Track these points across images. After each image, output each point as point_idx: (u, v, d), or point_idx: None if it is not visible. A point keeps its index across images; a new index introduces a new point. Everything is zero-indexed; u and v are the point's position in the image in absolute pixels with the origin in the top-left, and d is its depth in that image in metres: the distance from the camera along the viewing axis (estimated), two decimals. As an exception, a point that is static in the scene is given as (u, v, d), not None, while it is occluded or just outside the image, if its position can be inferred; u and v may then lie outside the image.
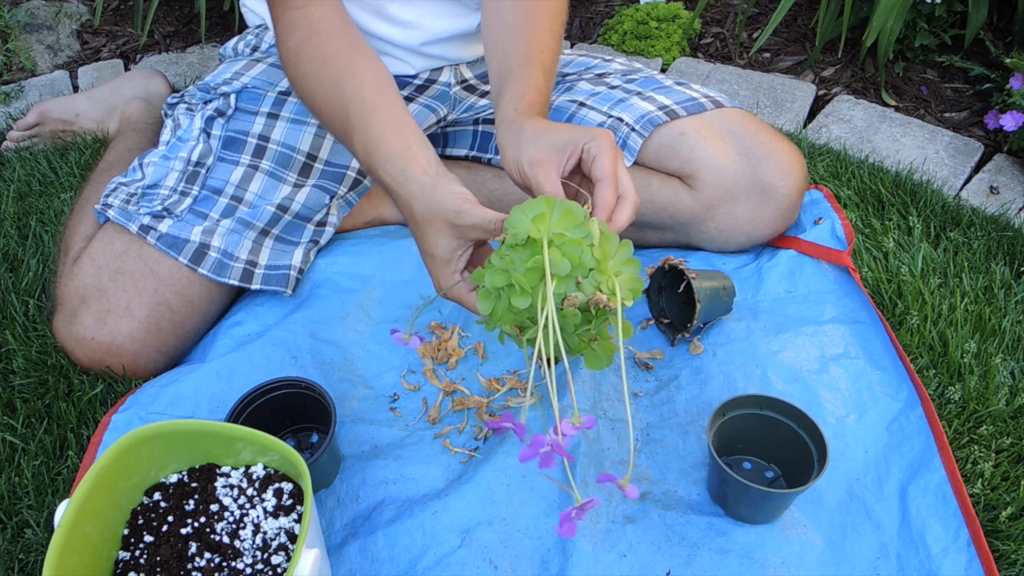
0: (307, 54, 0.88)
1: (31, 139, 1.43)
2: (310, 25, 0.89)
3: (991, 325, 1.02)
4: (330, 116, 0.87)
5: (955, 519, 0.83)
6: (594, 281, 0.68)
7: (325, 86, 0.87)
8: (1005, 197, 1.29)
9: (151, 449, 0.76)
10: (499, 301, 0.70)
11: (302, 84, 0.90)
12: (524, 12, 0.94)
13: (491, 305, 0.71)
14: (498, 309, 0.71)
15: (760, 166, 1.04)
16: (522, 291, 0.68)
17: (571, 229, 0.68)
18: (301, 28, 0.89)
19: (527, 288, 0.68)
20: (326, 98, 0.87)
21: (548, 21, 0.95)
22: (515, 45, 0.92)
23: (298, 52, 0.89)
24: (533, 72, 0.89)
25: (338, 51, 0.88)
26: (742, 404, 0.85)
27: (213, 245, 1.02)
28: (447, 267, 0.78)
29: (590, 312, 0.69)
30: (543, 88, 0.89)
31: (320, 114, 0.89)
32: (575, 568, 0.79)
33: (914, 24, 1.52)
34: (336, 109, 0.86)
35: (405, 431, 0.94)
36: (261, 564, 0.73)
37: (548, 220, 0.69)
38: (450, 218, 0.75)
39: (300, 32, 0.89)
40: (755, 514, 0.82)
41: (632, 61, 1.24)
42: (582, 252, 0.68)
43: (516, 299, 0.68)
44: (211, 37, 1.77)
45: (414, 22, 1.07)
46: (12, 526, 0.87)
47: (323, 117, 0.89)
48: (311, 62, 0.88)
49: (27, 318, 1.08)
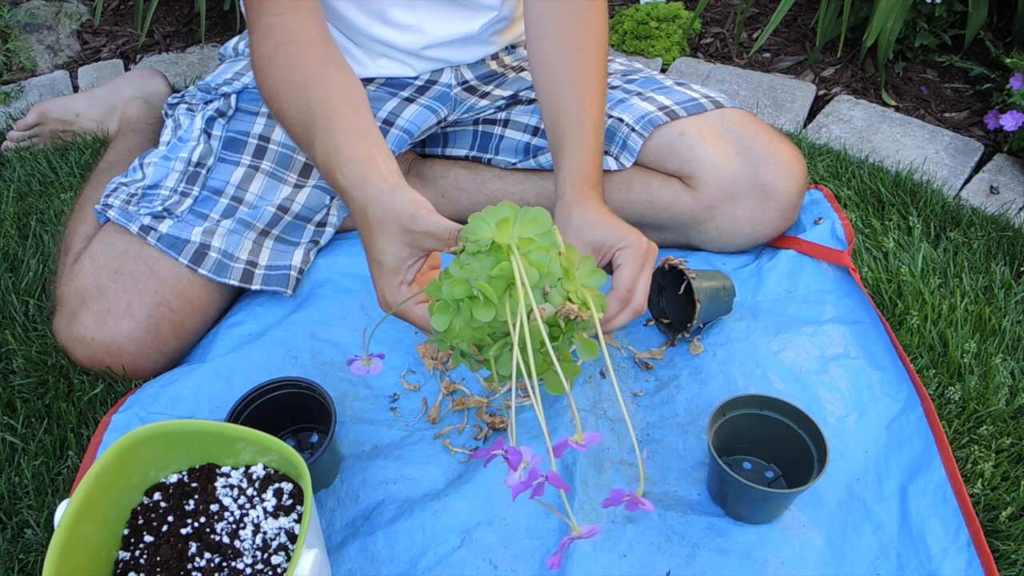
0: (278, 60, 0.87)
1: (31, 139, 1.43)
2: (286, 32, 0.88)
3: (991, 325, 1.02)
4: (293, 119, 0.85)
5: (955, 519, 0.83)
6: (563, 291, 0.63)
7: (292, 91, 0.85)
8: (1005, 197, 1.29)
9: (151, 449, 0.76)
10: (457, 316, 0.64)
11: (268, 88, 0.88)
12: (572, 55, 0.96)
13: (447, 320, 0.64)
14: (455, 325, 0.64)
15: (760, 166, 1.04)
16: (486, 302, 0.61)
17: (538, 236, 0.63)
18: (276, 35, 0.88)
19: (492, 299, 0.61)
20: (291, 101, 0.85)
21: (595, 63, 0.96)
22: (567, 99, 0.95)
23: (269, 57, 0.88)
24: (587, 135, 0.92)
25: (310, 59, 0.87)
26: (742, 404, 0.85)
27: (213, 245, 1.02)
28: (394, 277, 0.74)
29: (558, 327, 0.64)
30: (595, 150, 0.93)
31: (282, 117, 0.87)
32: (575, 568, 0.79)
33: (914, 24, 1.52)
34: (300, 112, 0.84)
35: (405, 431, 0.94)
36: (261, 564, 0.73)
37: (513, 226, 0.63)
38: (404, 223, 0.71)
39: (275, 39, 0.88)
40: (755, 514, 0.82)
41: (632, 61, 1.24)
42: (550, 260, 0.62)
43: (479, 311, 0.61)
44: (211, 37, 1.77)
45: (415, 26, 1.06)
46: (12, 526, 0.87)
47: (285, 120, 0.87)
48: (279, 67, 0.87)
49: (27, 318, 1.08)
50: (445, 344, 0.66)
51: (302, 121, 0.83)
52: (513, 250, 0.61)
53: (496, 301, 0.62)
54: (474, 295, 0.62)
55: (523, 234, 0.63)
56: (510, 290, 0.62)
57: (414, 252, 0.73)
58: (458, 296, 0.63)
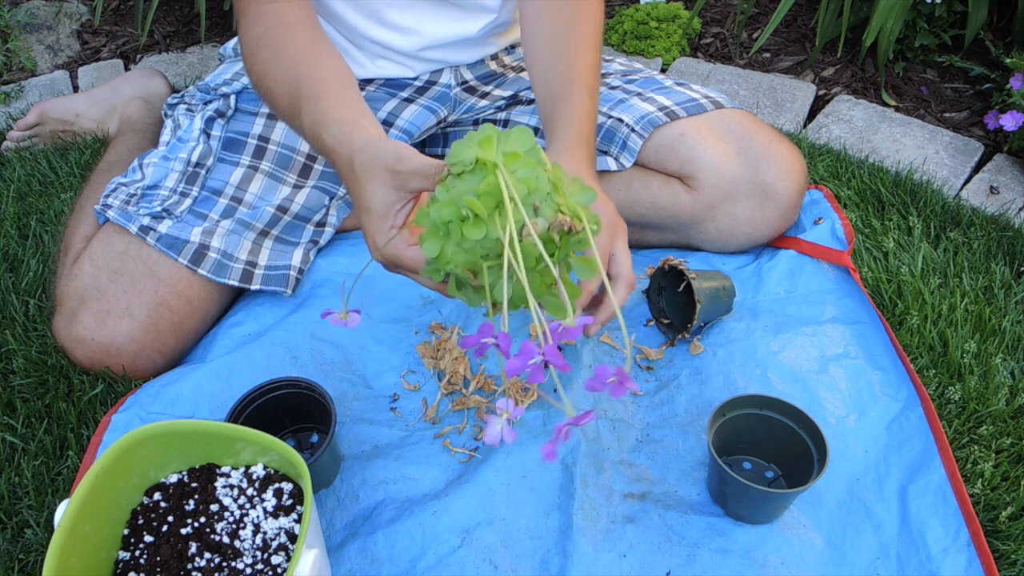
0: (267, 41, 0.88)
1: (31, 139, 1.43)
2: (276, 17, 0.89)
3: (991, 325, 1.02)
4: (279, 95, 0.85)
5: (955, 519, 0.83)
6: (553, 205, 0.61)
7: (280, 69, 0.85)
8: (1005, 197, 1.29)
9: (151, 449, 0.76)
10: (448, 240, 0.62)
11: (257, 68, 0.88)
12: (563, 31, 0.94)
13: (439, 246, 0.62)
14: (447, 249, 0.62)
15: (760, 166, 1.04)
16: (476, 220, 0.60)
17: (523, 152, 0.61)
18: (266, 20, 0.89)
19: (482, 214, 0.59)
20: (279, 79, 0.85)
21: (590, 47, 0.95)
22: (561, 66, 0.93)
23: (258, 40, 0.88)
24: (580, 95, 0.90)
25: (301, 42, 0.87)
26: (742, 404, 0.85)
27: (213, 246, 1.02)
28: (383, 223, 0.72)
29: (552, 243, 0.62)
30: (589, 111, 0.89)
31: (269, 94, 0.87)
32: (575, 568, 0.79)
33: (914, 24, 1.52)
34: (287, 86, 0.84)
35: (405, 431, 0.94)
36: (261, 564, 0.73)
37: (496, 144, 0.61)
38: (390, 164, 0.70)
39: (265, 23, 0.89)
40: (755, 514, 0.82)
41: (632, 61, 1.24)
42: (537, 176, 0.60)
43: (470, 230, 0.60)
44: (211, 37, 1.77)
45: (413, 28, 1.06)
46: (12, 526, 0.87)
47: (271, 98, 0.87)
48: (270, 48, 0.87)
49: (27, 318, 1.08)
50: (439, 273, 0.64)
51: (288, 93, 0.84)
52: (499, 165, 0.60)
53: (486, 217, 0.60)
54: (463, 216, 0.61)
55: (507, 150, 0.61)
56: (499, 208, 0.60)
57: (402, 195, 0.71)
58: (447, 218, 0.61)
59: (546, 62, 0.95)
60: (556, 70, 0.93)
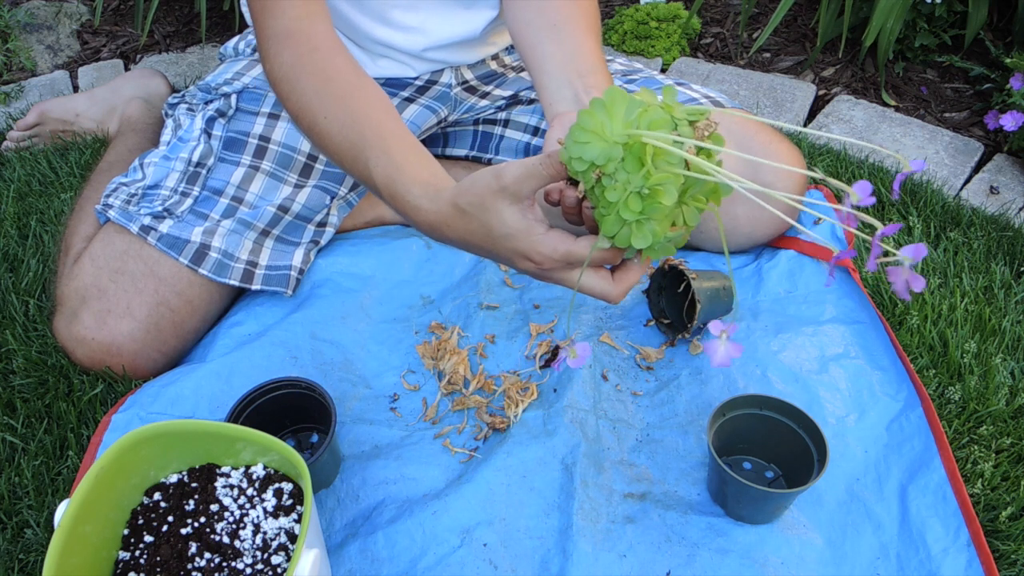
0: (308, 68, 0.83)
1: (31, 139, 1.43)
2: (308, 40, 0.84)
3: (991, 325, 1.02)
4: (335, 134, 0.80)
5: (955, 519, 0.83)
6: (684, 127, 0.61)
7: (329, 103, 0.81)
8: (1005, 197, 1.29)
9: (151, 449, 0.76)
10: (630, 225, 0.63)
11: (297, 99, 0.83)
12: (562, 24, 0.90)
13: (626, 231, 0.63)
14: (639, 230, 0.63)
15: (760, 167, 1.04)
16: (658, 204, 0.60)
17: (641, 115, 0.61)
18: (298, 43, 0.84)
19: (668, 198, 0.60)
20: (332, 116, 0.81)
21: (590, 31, 0.91)
22: (540, 19, 0.90)
23: (295, 66, 0.83)
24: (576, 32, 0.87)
25: (343, 71, 0.83)
26: (742, 404, 0.85)
27: (214, 245, 1.02)
28: (533, 234, 0.68)
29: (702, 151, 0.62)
30: (596, 50, 0.87)
31: (317, 130, 0.82)
32: (575, 568, 0.79)
33: (914, 24, 1.52)
34: (344, 130, 0.80)
35: (405, 431, 0.94)
36: (261, 564, 0.73)
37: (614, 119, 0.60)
38: (494, 187, 0.67)
39: (297, 46, 0.84)
40: (755, 514, 0.82)
41: (632, 61, 1.24)
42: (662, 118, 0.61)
43: (655, 212, 0.61)
44: (211, 37, 1.77)
45: (418, 27, 1.06)
46: (12, 526, 0.87)
47: (323, 136, 0.82)
48: (312, 76, 0.82)
49: (27, 318, 1.08)
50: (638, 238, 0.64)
51: (348, 140, 0.79)
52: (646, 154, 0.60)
53: (670, 197, 0.61)
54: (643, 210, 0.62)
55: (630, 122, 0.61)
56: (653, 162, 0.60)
57: (524, 204, 0.68)
58: (632, 217, 0.62)
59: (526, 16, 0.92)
60: (539, 22, 0.90)
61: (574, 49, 0.88)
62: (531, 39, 0.91)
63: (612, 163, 0.61)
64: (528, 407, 0.94)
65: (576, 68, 0.86)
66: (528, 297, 1.08)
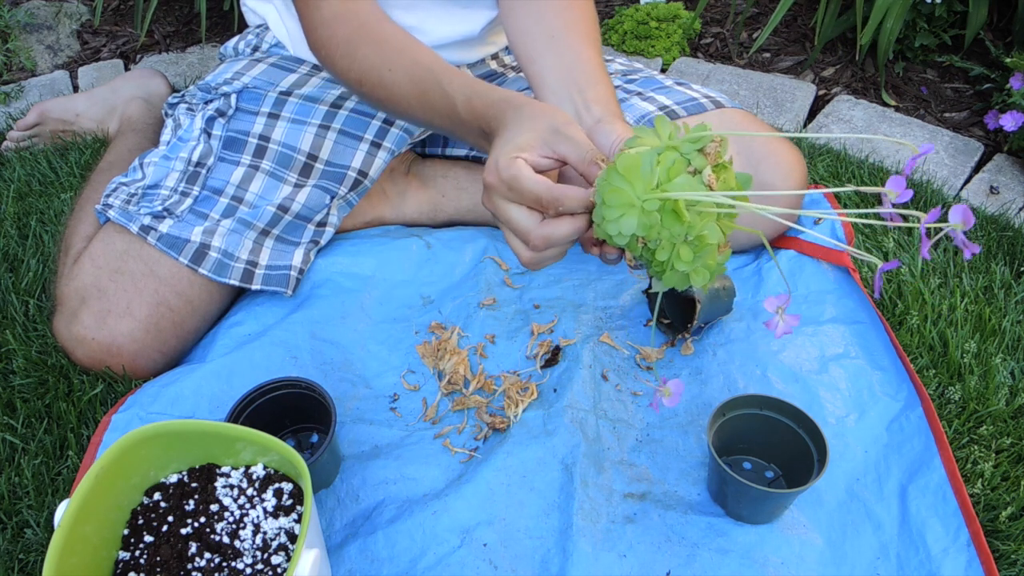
0: (363, 39, 0.88)
1: (31, 139, 1.43)
2: (356, 16, 0.90)
3: (991, 325, 1.02)
4: (400, 80, 0.86)
5: (955, 519, 0.83)
6: (696, 157, 0.64)
7: (391, 57, 0.87)
8: (1005, 197, 1.29)
9: (151, 449, 0.76)
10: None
11: (360, 66, 0.89)
12: (562, 27, 0.93)
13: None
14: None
15: (760, 167, 1.04)
16: (704, 240, 0.64)
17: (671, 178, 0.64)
18: (347, 20, 0.90)
19: (710, 235, 0.64)
20: (395, 67, 0.86)
21: (590, 28, 0.94)
22: (538, 28, 0.92)
23: (350, 40, 0.89)
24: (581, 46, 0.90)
25: (396, 33, 0.89)
26: (742, 404, 0.85)
27: (213, 245, 1.02)
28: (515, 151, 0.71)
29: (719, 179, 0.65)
30: (595, 60, 0.90)
31: (381, 84, 0.87)
32: (575, 568, 0.79)
33: (914, 24, 1.52)
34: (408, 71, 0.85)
35: (405, 431, 0.94)
36: (261, 564, 0.73)
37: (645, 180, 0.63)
38: (558, 121, 0.72)
39: (347, 23, 0.90)
40: (755, 514, 0.82)
41: (632, 61, 1.24)
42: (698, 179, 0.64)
43: (709, 240, 0.64)
44: (211, 37, 1.77)
45: (417, 27, 1.06)
46: (12, 526, 0.87)
47: (386, 86, 0.87)
48: (368, 44, 0.88)
49: (27, 318, 1.08)
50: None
51: (413, 77, 0.85)
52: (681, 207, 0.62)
53: (715, 235, 0.64)
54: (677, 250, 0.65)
55: (649, 180, 0.64)
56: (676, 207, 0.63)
57: (546, 149, 0.72)
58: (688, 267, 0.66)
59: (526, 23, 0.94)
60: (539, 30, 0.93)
61: (573, 60, 0.89)
62: (530, 51, 0.92)
63: (654, 229, 0.63)
64: (528, 407, 0.94)
65: (576, 82, 0.88)
66: (528, 297, 1.08)
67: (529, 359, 1.01)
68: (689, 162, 0.63)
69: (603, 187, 0.65)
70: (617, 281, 1.09)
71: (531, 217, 0.72)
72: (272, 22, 1.15)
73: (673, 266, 0.65)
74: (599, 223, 0.66)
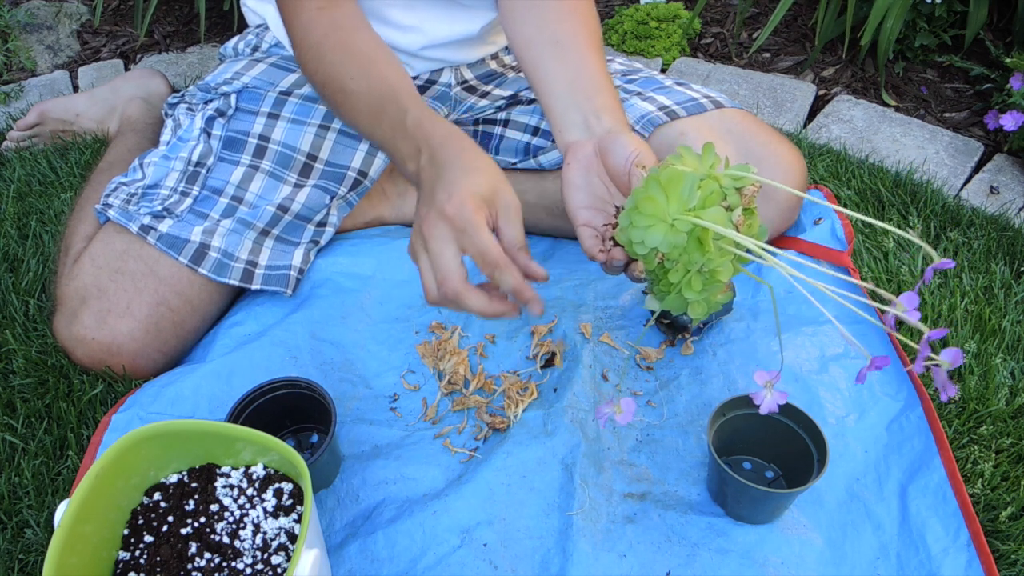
0: (331, 45, 0.88)
1: (31, 139, 1.43)
2: (332, 22, 0.89)
3: (991, 325, 1.02)
4: (359, 92, 0.85)
5: (955, 519, 0.83)
6: (732, 194, 0.66)
7: (353, 67, 0.86)
8: (1005, 197, 1.29)
9: (151, 449, 0.76)
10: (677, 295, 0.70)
11: (325, 70, 0.88)
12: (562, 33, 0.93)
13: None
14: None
15: (760, 167, 1.04)
16: (717, 276, 0.67)
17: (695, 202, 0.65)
18: (323, 25, 0.89)
19: (724, 273, 0.67)
20: (356, 77, 0.85)
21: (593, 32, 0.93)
22: (541, 36, 0.92)
23: (320, 44, 0.88)
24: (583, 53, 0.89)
25: (367, 42, 0.88)
26: (742, 404, 0.85)
27: (213, 245, 1.02)
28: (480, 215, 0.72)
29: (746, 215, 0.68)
30: (600, 67, 0.89)
31: (343, 92, 0.86)
32: (575, 568, 0.79)
33: (914, 24, 1.52)
34: (370, 83, 0.84)
35: (405, 431, 0.94)
36: (261, 564, 0.73)
37: (673, 199, 0.65)
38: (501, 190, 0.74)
39: (322, 28, 0.89)
40: (755, 514, 0.82)
41: (632, 61, 1.24)
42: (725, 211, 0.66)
43: (721, 277, 0.67)
44: (211, 37, 1.77)
45: (416, 27, 1.06)
46: (12, 526, 0.87)
47: (347, 95, 0.86)
48: (337, 49, 0.87)
49: (27, 318, 1.08)
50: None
51: (372, 90, 0.84)
52: (708, 237, 0.64)
53: (728, 274, 0.67)
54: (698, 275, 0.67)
55: (685, 201, 0.65)
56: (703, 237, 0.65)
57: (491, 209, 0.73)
58: (695, 296, 0.68)
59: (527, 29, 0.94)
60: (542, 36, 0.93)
61: (578, 68, 0.89)
62: (534, 59, 0.92)
63: (676, 250, 0.64)
64: (528, 407, 0.94)
65: (583, 89, 0.88)
66: (528, 297, 1.08)
67: (529, 359, 1.00)
68: (725, 196, 0.64)
69: (639, 194, 0.66)
70: (617, 281, 1.09)
71: (460, 266, 0.73)
72: (272, 22, 1.15)
73: (680, 291, 0.66)
74: (624, 227, 0.67)
